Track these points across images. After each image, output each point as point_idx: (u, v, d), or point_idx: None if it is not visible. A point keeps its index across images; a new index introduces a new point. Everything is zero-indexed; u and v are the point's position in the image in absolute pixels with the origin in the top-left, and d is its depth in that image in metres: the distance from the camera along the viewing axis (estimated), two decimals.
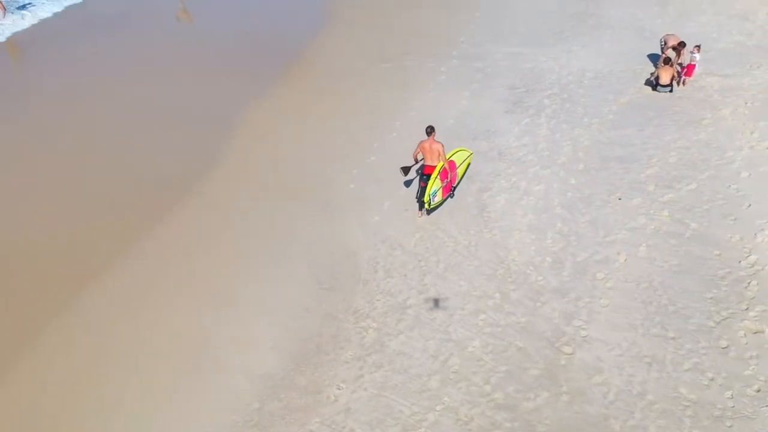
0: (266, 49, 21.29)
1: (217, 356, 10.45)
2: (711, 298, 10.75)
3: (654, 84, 16.93)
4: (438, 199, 13.16)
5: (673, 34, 17.63)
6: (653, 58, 18.60)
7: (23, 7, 25.68)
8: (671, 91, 16.75)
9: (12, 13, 24.98)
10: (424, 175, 13.11)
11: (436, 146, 12.90)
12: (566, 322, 10.57)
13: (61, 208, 14.26)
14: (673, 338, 10.11)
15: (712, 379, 9.36)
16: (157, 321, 11.17)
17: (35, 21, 24.60)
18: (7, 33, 23.52)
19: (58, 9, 25.76)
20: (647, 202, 13.10)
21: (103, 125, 17.28)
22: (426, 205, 12.94)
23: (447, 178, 13.28)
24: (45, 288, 11.89)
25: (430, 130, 12.94)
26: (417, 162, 13.28)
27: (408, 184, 14.21)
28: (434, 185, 12.87)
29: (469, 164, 14.26)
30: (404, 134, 16.10)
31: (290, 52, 20.95)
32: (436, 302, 11.22)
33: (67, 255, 12.87)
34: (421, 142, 13.09)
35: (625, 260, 11.70)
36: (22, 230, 13.51)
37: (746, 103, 15.97)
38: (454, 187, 13.72)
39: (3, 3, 24.86)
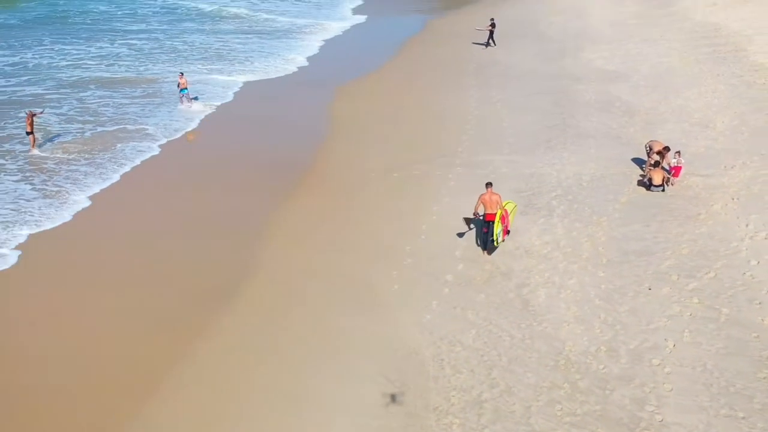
0: (277, 162, 21.43)
1: None
2: (764, 377, 10.89)
3: (648, 185, 17.69)
4: (500, 239, 15.01)
5: (656, 140, 18.65)
6: (637, 161, 19.51)
7: None
8: (663, 190, 17.52)
9: None
10: (486, 222, 14.87)
11: (495, 197, 14.91)
12: (639, 408, 10.51)
13: (109, 321, 13.63)
14: (743, 418, 10.14)
15: None
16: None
17: None
18: None
19: None
20: (675, 291, 13.40)
21: (140, 237, 16.86)
22: (494, 244, 14.90)
23: (504, 222, 15.10)
24: (103, 405, 11.19)
25: (488, 185, 15.09)
26: (477, 216, 15.03)
27: (461, 235, 15.96)
28: (498, 228, 14.76)
29: (515, 213, 15.89)
30: (432, 237, 16.24)
31: (301, 165, 21.12)
32: (509, 395, 11.01)
33: (123, 370, 12.23)
34: (481, 195, 14.97)
35: (674, 346, 11.83)
36: (78, 345, 12.81)
37: (733, 199, 16.78)
38: (509, 231, 15.42)
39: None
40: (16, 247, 16.26)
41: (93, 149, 22.35)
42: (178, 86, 26.23)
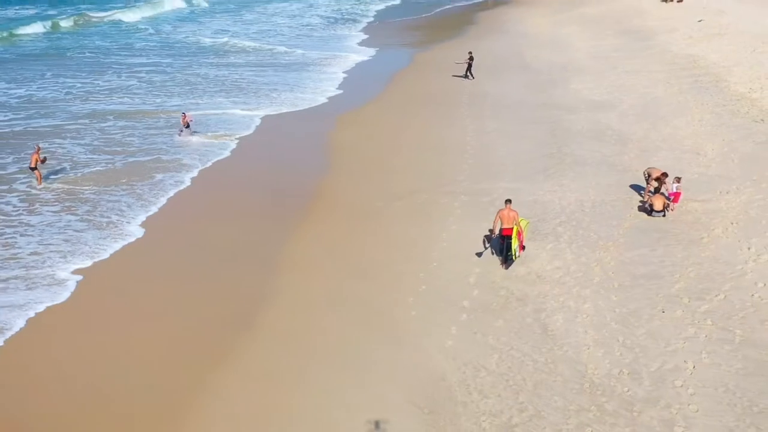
0: (282, 192, 21.36)
1: None
2: None
3: (649, 210, 17.92)
4: (517, 254, 15.65)
5: (654, 167, 18.96)
6: (635, 188, 19.78)
7: None
8: (664, 215, 17.76)
9: None
10: (503, 236, 15.51)
11: (512, 213, 15.53)
12: (668, 429, 10.54)
13: (135, 350, 13.41)
14: None
15: None
16: None
17: None
18: None
19: None
20: (688, 313, 13.52)
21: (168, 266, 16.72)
22: (513, 258, 15.57)
23: (520, 238, 15.63)
24: None
25: (507, 201, 15.80)
26: (495, 233, 15.73)
27: (480, 254, 16.44)
28: (515, 243, 15.42)
29: (528, 229, 16.43)
30: (444, 264, 16.26)
31: (306, 195, 21.09)
32: (539, 418, 10.96)
33: (148, 399, 12.02)
34: (500, 210, 15.75)
35: (694, 367, 11.90)
36: (104, 374, 12.56)
37: (732, 224, 17.04)
38: (524, 246, 15.96)
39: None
40: (76, 276, 16.17)
41: (130, 179, 22.08)
42: (184, 123, 26.14)
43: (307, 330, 14.00)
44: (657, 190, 18.05)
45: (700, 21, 44.02)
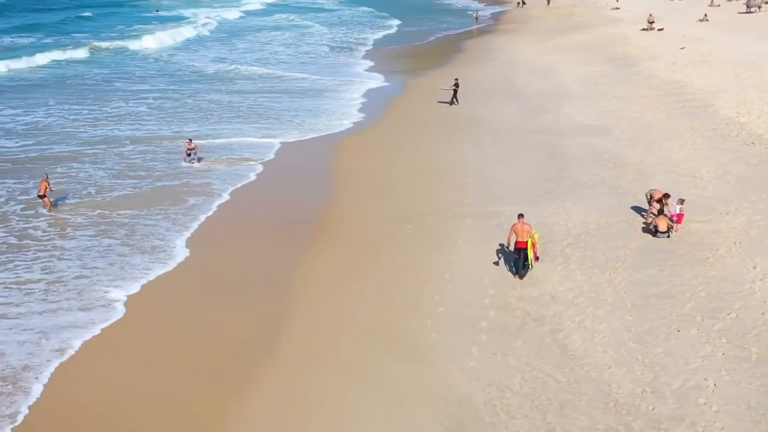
0: (291, 217, 21.33)
1: None
2: None
3: (654, 231, 18.10)
4: (533, 264, 16.24)
5: (656, 189, 19.21)
6: (636, 210, 20.00)
7: None
8: (669, 236, 17.94)
9: None
10: (517, 249, 16.10)
11: (526, 227, 16.17)
12: None
13: (162, 377, 13.23)
14: None
15: None
16: None
17: None
18: None
19: None
20: (703, 332, 13.61)
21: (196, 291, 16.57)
22: (530, 268, 16.19)
23: (534, 249, 16.26)
24: None
25: (520, 216, 16.41)
26: (510, 247, 16.46)
27: (496, 263, 17.20)
28: (530, 254, 16.07)
29: (539, 242, 17.02)
30: (458, 286, 16.28)
31: (315, 219, 21.06)
32: None
33: (174, 426, 11.83)
34: (514, 225, 16.37)
35: (715, 385, 11.96)
36: (130, 404, 12.36)
37: (735, 244, 17.26)
38: (537, 257, 16.54)
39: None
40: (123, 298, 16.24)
41: (162, 204, 21.97)
42: (189, 150, 26.02)
43: (328, 353, 13.91)
44: (660, 212, 18.24)
45: (682, 48, 44.96)
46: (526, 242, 16.08)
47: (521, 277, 16.23)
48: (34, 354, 13.92)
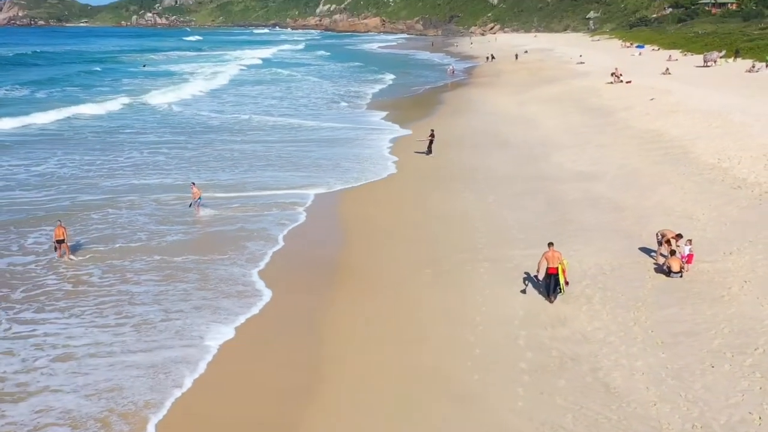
0: (307, 263, 21.17)
1: None
2: None
3: (667, 272, 18.41)
4: (564, 289, 17.11)
5: (667, 229, 19.63)
6: (644, 251, 20.36)
7: None
8: (681, 276, 18.25)
9: None
10: (548, 275, 17.08)
11: (556, 254, 17.16)
12: None
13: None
14: None
15: None
16: None
17: None
18: None
19: None
20: (736, 367, 13.76)
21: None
22: (562, 292, 17.10)
23: (565, 274, 17.15)
24: None
25: (550, 244, 17.49)
26: (540, 274, 17.38)
27: (523, 291, 17.86)
28: (561, 279, 16.97)
29: (567, 268, 17.66)
30: (490, 327, 16.25)
31: (332, 265, 20.93)
32: None
33: None
34: (544, 253, 17.33)
35: (760, 418, 12.04)
36: None
37: (746, 282, 17.63)
38: (567, 282, 17.36)
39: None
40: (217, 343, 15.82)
41: (223, 249, 21.64)
42: (196, 196, 25.71)
43: (373, 397, 13.66)
44: (672, 252, 18.58)
45: (652, 99, 46.59)
46: (557, 268, 16.97)
47: (552, 300, 17.08)
48: (154, 389, 13.68)
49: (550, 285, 17.18)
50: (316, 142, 40.26)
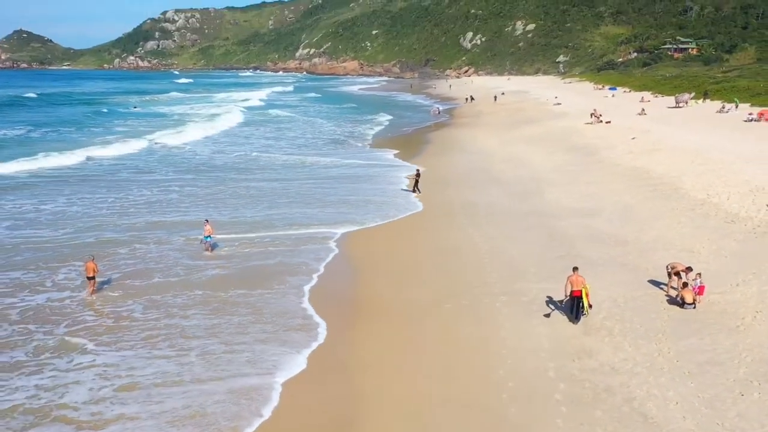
0: (325, 296, 20.97)
1: None
2: None
3: (681, 303, 18.61)
4: (588, 311, 17.92)
5: (678, 262, 19.90)
6: (654, 283, 20.59)
7: None
8: (695, 307, 18.46)
9: None
10: (572, 297, 17.96)
11: (580, 278, 18.05)
12: None
13: None
14: None
15: None
16: None
17: None
18: None
19: None
20: (765, 395, 13.87)
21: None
22: (586, 314, 17.92)
23: (588, 298, 17.96)
24: None
25: (575, 269, 18.42)
26: (566, 296, 18.16)
27: (548, 315, 18.42)
28: (585, 301, 17.77)
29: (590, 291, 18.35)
30: (519, 360, 16.19)
31: (347, 301, 20.78)
32: None
33: None
34: (569, 276, 18.19)
35: None
36: None
37: (758, 312, 17.89)
38: (591, 305, 18.13)
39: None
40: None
41: (264, 284, 21.39)
42: (207, 233, 25.39)
43: (415, 431, 13.41)
44: (685, 285, 18.81)
45: (633, 138, 47.69)
46: (581, 291, 17.84)
47: (576, 322, 17.83)
48: (238, 415, 13.61)
49: (573, 306, 17.97)
50: (336, 179, 40.30)
